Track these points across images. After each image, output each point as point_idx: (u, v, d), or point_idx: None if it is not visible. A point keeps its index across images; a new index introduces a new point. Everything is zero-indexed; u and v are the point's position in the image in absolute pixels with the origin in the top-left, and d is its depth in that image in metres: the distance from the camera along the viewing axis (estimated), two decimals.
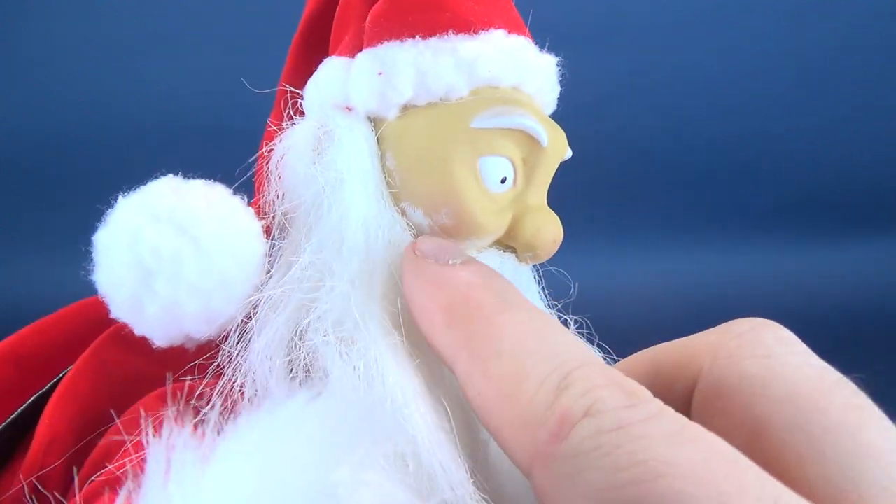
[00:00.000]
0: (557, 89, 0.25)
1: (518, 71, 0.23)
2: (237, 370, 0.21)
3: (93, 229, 0.23)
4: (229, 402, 0.20)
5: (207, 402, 0.20)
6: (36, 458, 0.21)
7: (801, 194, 1.04)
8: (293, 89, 0.25)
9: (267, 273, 0.22)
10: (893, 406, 0.19)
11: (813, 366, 0.18)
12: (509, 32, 0.23)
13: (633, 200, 1.01)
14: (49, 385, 0.24)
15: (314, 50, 0.26)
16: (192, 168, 0.24)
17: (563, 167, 0.27)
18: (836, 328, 0.92)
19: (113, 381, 0.23)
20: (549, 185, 0.24)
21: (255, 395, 0.20)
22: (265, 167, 0.24)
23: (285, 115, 0.24)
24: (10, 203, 0.94)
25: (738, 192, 1.04)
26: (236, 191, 0.23)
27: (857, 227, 1.03)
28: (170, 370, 0.22)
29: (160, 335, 0.22)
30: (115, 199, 0.22)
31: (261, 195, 0.24)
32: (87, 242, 0.22)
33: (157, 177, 0.23)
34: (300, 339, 0.21)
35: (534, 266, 0.25)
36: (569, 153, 0.25)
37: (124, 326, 0.22)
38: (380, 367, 0.19)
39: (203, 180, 0.23)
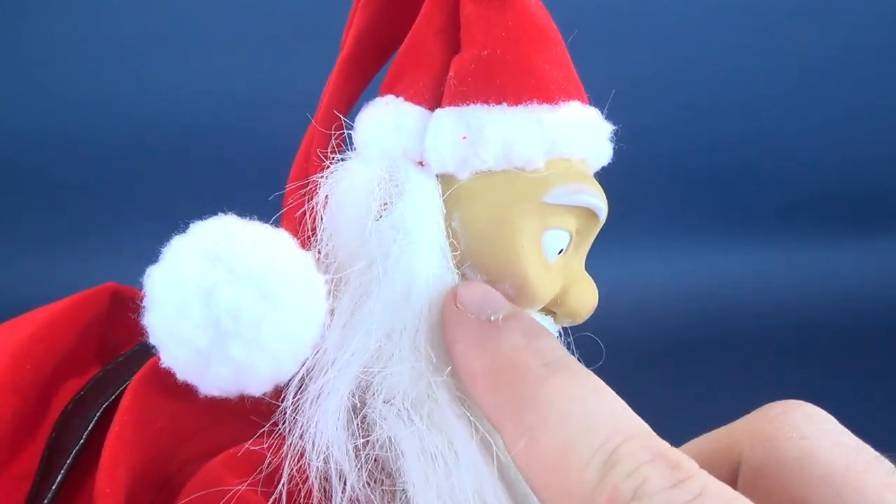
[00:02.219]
0: (610, 153, 0.25)
1: (587, 145, 0.23)
2: (299, 435, 0.20)
3: (92, 229, 0.22)
4: (296, 471, 0.20)
5: (273, 475, 0.19)
6: None
7: (803, 194, 1.04)
8: (341, 116, 0.23)
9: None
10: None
11: (848, 445, 0.19)
12: (584, 104, 0.23)
13: (633, 200, 1.01)
14: (83, 438, 0.22)
15: (363, 71, 0.25)
16: (193, 168, 0.24)
17: None
18: (837, 328, 0.92)
19: (157, 434, 0.22)
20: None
21: (322, 466, 0.20)
22: (309, 203, 0.22)
23: (331, 144, 0.23)
24: (11, 203, 0.94)
25: (739, 192, 1.04)
26: (242, 196, 0.22)
27: (857, 227, 1.03)
28: (218, 422, 0.21)
29: (212, 390, 0.20)
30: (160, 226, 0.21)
31: (299, 231, 0.22)
32: (87, 242, 0.22)
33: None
34: (361, 407, 0.20)
35: None
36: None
37: (161, 370, 0.21)
38: (454, 452, 0.19)
39: (264, 225, 0.21)
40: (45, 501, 0.21)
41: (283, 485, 0.19)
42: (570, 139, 0.22)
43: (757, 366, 0.86)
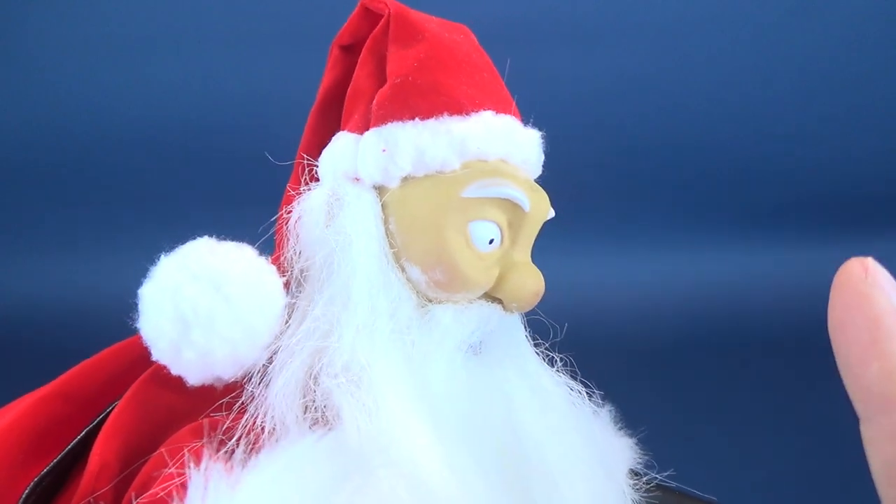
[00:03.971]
0: (542, 158, 0.29)
1: (504, 146, 0.26)
2: (259, 408, 0.24)
3: (92, 229, 0.24)
4: (252, 435, 0.24)
5: (233, 437, 0.23)
6: (88, 484, 0.25)
7: (802, 194, 1.03)
8: (309, 158, 0.28)
9: (286, 323, 0.26)
10: None
11: None
12: (497, 112, 0.26)
13: (633, 200, 1.01)
14: (98, 419, 0.27)
15: (329, 121, 0.29)
16: (192, 168, 0.25)
17: (564, 168, 0.29)
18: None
19: (152, 415, 0.26)
20: (533, 242, 0.28)
21: (274, 430, 0.24)
22: (284, 228, 0.27)
23: (302, 181, 0.28)
24: (11, 203, 0.94)
25: (739, 192, 1.04)
26: (238, 201, 0.25)
27: (851, 228, 1.02)
28: (201, 406, 0.25)
29: (194, 376, 0.25)
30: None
31: (281, 252, 0.27)
32: (87, 242, 0.24)
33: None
34: (314, 381, 0.24)
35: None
36: (551, 213, 0.28)
37: (163, 367, 0.25)
38: (382, 405, 0.23)
39: (233, 243, 0.26)
40: (45, 471, 0.26)
41: (235, 440, 0.23)
42: (480, 142, 0.25)
43: (752, 365, 0.86)
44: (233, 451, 0.23)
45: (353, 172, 0.26)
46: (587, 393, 0.29)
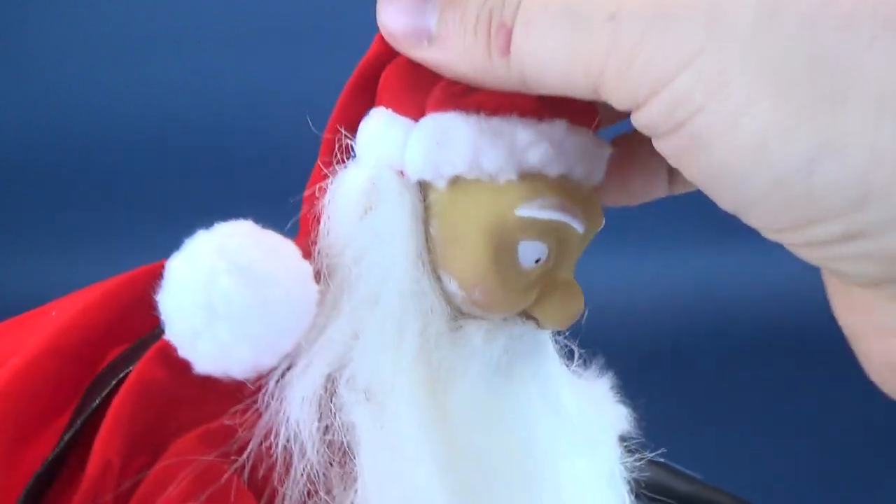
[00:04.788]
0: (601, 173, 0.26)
1: (570, 162, 0.23)
2: (273, 418, 0.23)
3: (92, 229, 0.23)
4: (264, 446, 0.22)
5: (243, 449, 0.22)
6: (90, 488, 0.23)
7: None
8: (346, 134, 0.25)
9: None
10: None
11: None
12: (572, 124, 0.23)
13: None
14: (95, 404, 0.25)
15: (368, 93, 0.26)
16: (193, 168, 0.24)
17: None
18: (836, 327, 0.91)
19: (154, 404, 0.24)
20: (576, 258, 0.25)
21: (289, 446, 0.22)
22: (312, 210, 0.25)
23: (334, 157, 0.25)
24: (11, 203, 0.94)
25: None
26: (238, 201, 0.23)
27: None
28: (204, 397, 0.24)
29: (202, 366, 0.23)
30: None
31: (308, 236, 0.25)
32: (87, 243, 0.23)
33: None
34: (332, 395, 0.23)
35: None
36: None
37: (170, 347, 0.23)
38: (404, 439, 0.21)
39: (278, 236, 0.24)
40: (51, 457, 0.24)
41: (249, 458, 0.22)
42: (547, 156, 0.22)
43: (754, 366, 0.86)
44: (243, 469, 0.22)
45: (399, 163, 0.23)
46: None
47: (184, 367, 0.23)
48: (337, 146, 0.25)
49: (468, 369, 0.23)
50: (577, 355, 0.29)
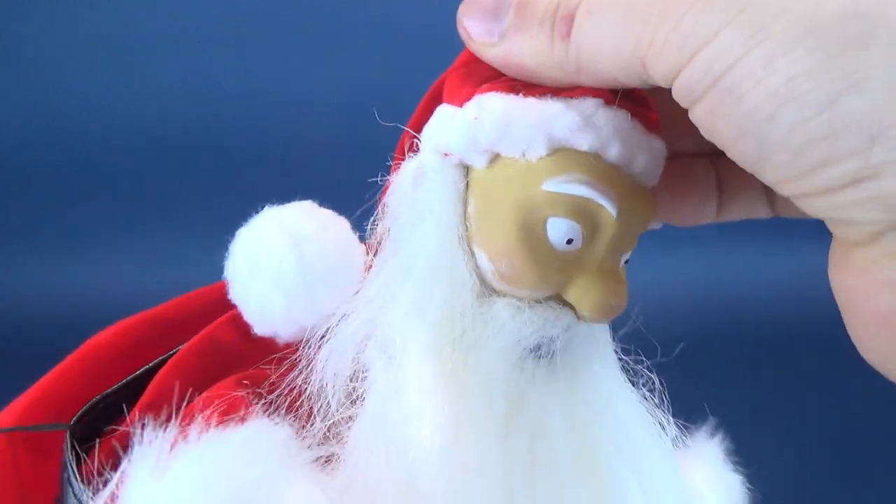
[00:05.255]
0: (659, 167, 0.26)
1: (599, 135, 0.24)
2: (305, 368, 0.25)
3: (93, 229, 0.24)
4: (294, 394, 0.25)
5: (275, 390, 0.25)
6: (135, 415, 0.25)
7: None
8: (413, 133, 0.28)
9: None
10: None
11: None
12: (606, 102, 0.24)
13: None
14: (173, 351, 0.28)
15: (438, 101, 0.28)
16: (193, 168, 0.25)
17: None
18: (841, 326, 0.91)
19: (218, 359, 0.27)
20: (626, 250, 0.25)
21: (316, 393, 0.24)
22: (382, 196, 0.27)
23: (406, 153, 0.27)
24: (11, 203, 0.94)
25: None
26: (238, 201, 0.24)
27: None
28: (261, 356, 0.26)
29: (257, 325, 0.26)
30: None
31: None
32: (87, 243, 0.23)
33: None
34: (362, 351, 0.24)
35: None
36: (654, 224, 0.26)
37: (240, 314, 0.26)
38: (404, 385, 0.23)
39: (333, 213, 0.27)
40: (107, 392, 0.27)
41: (276, 399, 0.25)
42: (573, 123, 0.23)
43: (760, 365, 0.86)
44: (272, 405, 0.24)
45: (445, 146, 0.25)
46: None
47: (248, 331, 0.26)
48: (408, 144, 0.27)
49: (492, 343, 0.24)
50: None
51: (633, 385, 0.27)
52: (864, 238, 0.19)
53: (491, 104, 0.24)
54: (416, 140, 0.27)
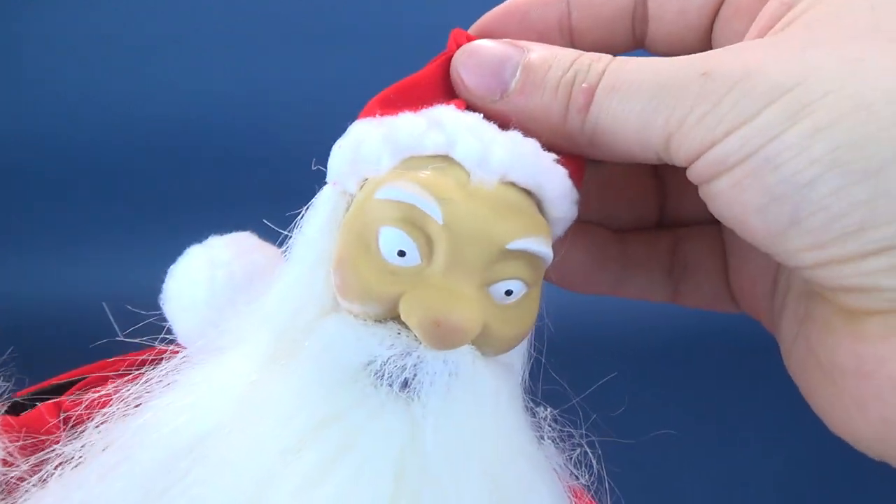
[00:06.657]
0: (535, 164, 0.23)
1: (443, 134, 0.23)
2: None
3: (92, 229, 0.24)
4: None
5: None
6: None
7: None
8: None
9: None
10: None
11: None
12: (459, 108, 0.23)
13: None
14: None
15: None
16: (193, 168, 0.25)
17: None
18: None
19: None
20: (471, 268, 0.22)
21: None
22: None
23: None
24: (11, 203, 0.94)
25: None
26: (238, 201, 0.27)
27: None
28: None
29: (179, 338, 0.31)
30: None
31: None
32: (87, 243, 0.24)
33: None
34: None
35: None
36: (521, 243, 0.22)
37: None
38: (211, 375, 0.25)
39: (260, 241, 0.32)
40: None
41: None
42: (420, 134, 0.23)
43: (755, 366, 0.86)
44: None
45: (329, 176, 0.26)
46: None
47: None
48: None
49: (318, 357, 0.23)
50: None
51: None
52: (885, 305, 0.18)
53: (352, 129, 0.24)
54: None
